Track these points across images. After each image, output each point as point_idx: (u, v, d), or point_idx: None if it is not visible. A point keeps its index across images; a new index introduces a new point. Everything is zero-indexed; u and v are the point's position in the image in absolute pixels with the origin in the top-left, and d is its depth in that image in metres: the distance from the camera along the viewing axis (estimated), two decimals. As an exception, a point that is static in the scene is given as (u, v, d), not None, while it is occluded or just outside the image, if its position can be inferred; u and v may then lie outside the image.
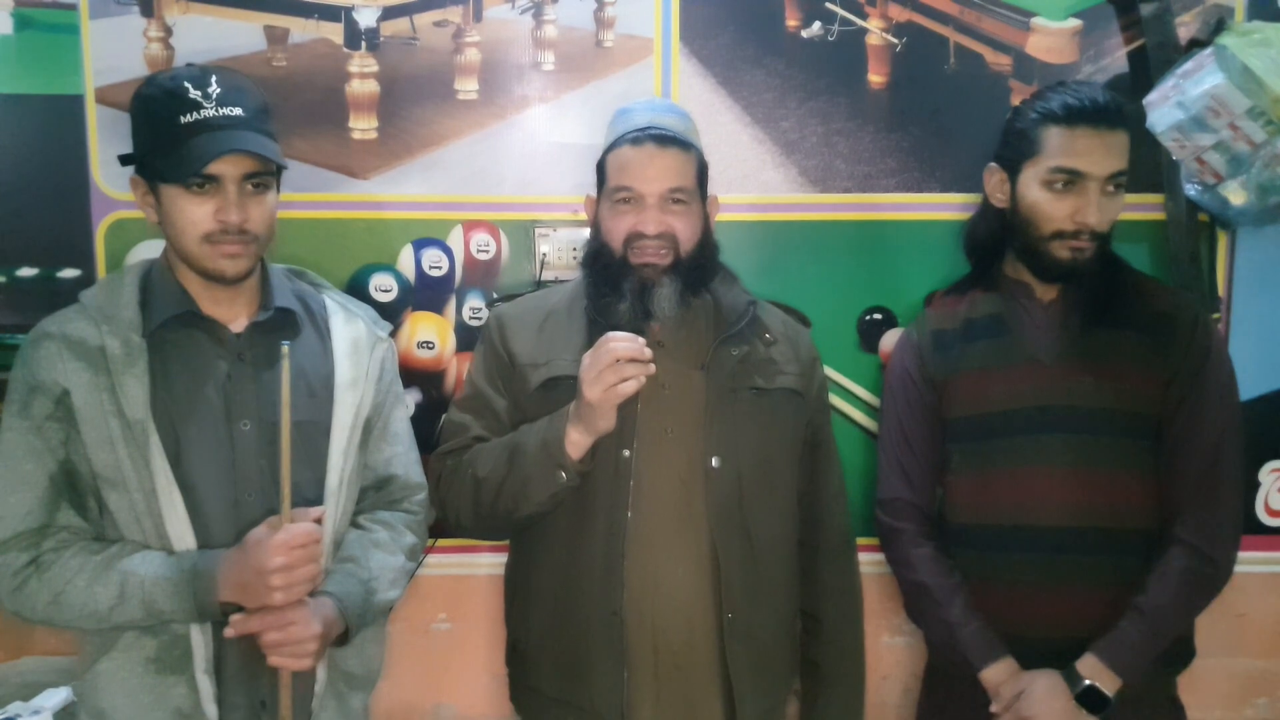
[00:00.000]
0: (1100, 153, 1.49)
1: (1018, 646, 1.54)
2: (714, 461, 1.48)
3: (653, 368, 1.37)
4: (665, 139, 1.49)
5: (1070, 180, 1.50)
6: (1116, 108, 1.51)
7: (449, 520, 1.58)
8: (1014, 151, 1.56)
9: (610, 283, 1.50)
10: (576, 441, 1.41)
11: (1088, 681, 1.47)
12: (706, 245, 1.54)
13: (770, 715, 1.56)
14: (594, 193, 1.60)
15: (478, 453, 1.52)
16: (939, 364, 1.63)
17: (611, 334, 1.38)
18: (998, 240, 1.62)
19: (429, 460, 1.61)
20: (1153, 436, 1.54)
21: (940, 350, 1.64)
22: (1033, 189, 1.53)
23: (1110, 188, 1.51)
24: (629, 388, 1.36)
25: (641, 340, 1.37)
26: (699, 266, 1.52)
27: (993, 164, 1.61)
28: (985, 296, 1.63)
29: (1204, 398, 1.52)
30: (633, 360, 1.35)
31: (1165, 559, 1.51)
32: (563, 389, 1.48)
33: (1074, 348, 1.55)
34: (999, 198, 1.60)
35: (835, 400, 1.92)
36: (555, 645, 1.51)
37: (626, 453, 1.47)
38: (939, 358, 1.63)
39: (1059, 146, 1.50)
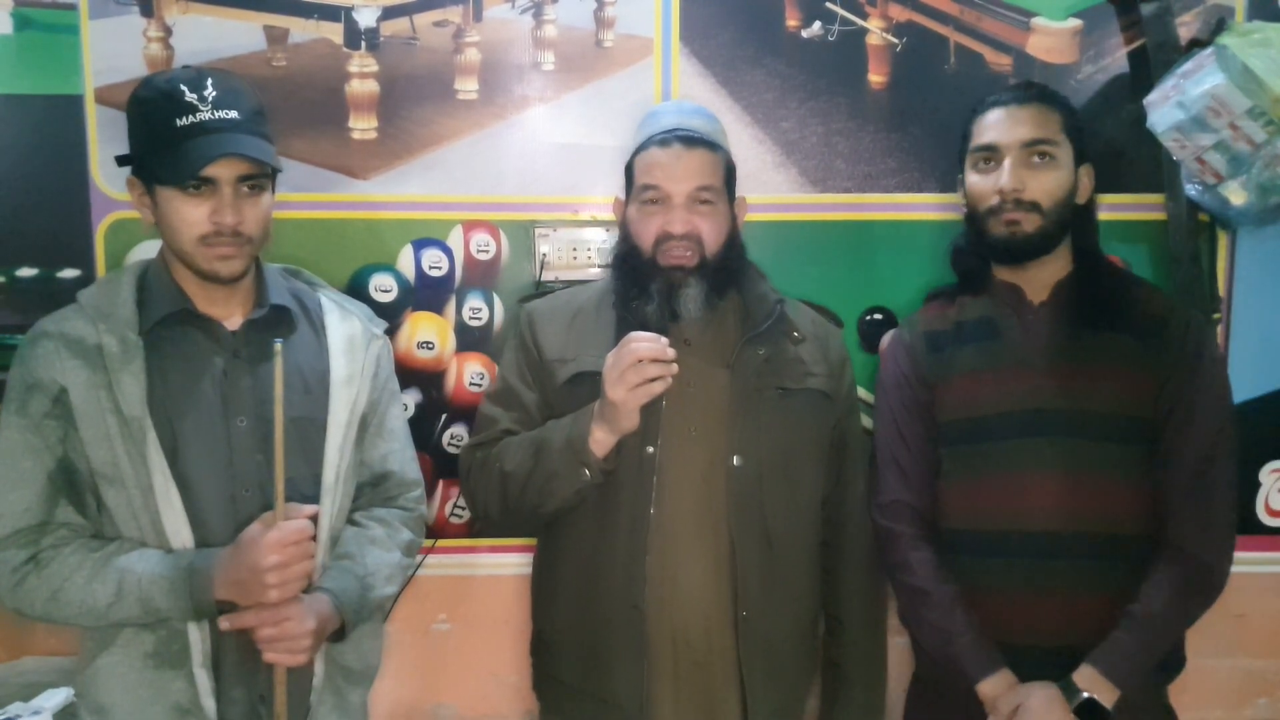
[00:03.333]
0: (1008, 124, 1.53)
1: (1008, 654, 1.52)
2: (735, 460, 1.48)
3: (675, 368, 1.38)
4: (692, 140, 1.50)
5: (989, 156, 1.54)
6: (1028, 88, 1.56)
7: (477, 513, 1.60)
8: (961, 153, 1.62)
9: (638, 284, 1.51)
10: (601, 440, 1.42)
11: (1086, 694, 1.44)
12: (733, 246, 1.55)
13: (785, 714, 1.57)
14: (617, 191, 1.61)
15: (506, 446, 1.53)
16: (933, 365, 1.62)
17: (634, 334, 1.39)
18: (978, 247, 1.62)
19: (427, 460, 1.61)
20: (1146, 440, 1.52)
21: (934, 352, 1.63)
22: (969, 177, 1.58)
23: (1034, 158, 1.51)
24: (656, 388, 1.37)
25: (665, 340, 1.38)
26: (725, 268, 1.52)
27: (960, 175, 1.64)
28: (975, 300, 1.63)
29: (1196, 401, 1.50)
30: (655, 361, 1.36)
31: (1159, 566, 1.48)
32: (589, 385, 1.48)
33: (1065, 351, 1.54)
34: (962, 200, 1.62)
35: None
36: (578, 637, 1.53)
37: (651, 450, 1.47)
38: (933, 359, 1.62)
39: (977, 131, 1.57)
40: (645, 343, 1.37)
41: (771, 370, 1.53)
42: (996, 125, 1.54)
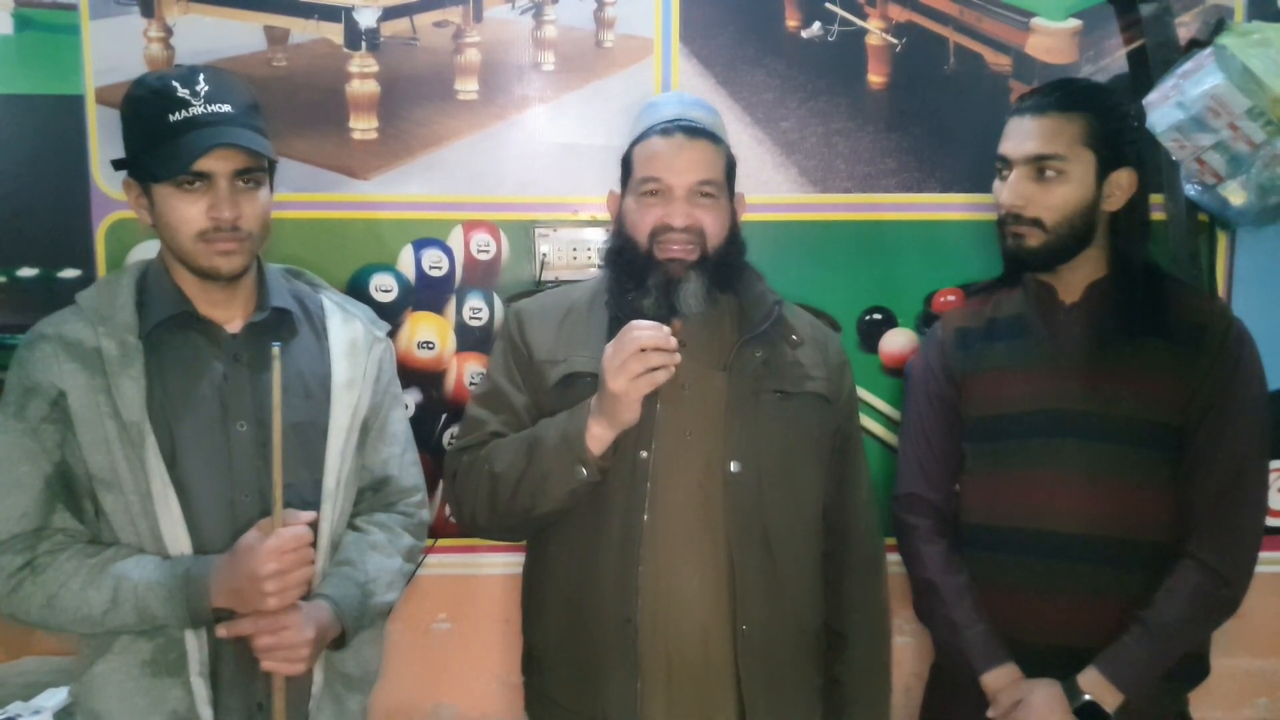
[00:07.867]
0: (1018, 137, 1.51)
1: (1019, 651, 1.53)
2: (733, 466, 1.43)
3: (678, 357, 1.33)
4: (695, 131, 1.46)
5: (1003, 166, 1.54)
6: (1052, 92, 1.52)
7: (464, 519, 1.52)
8: None
9: (635, 278, 1.46)
10: (598, 436, 1.37)
11: (1087, 696, 1.45)
12: (734, 242, 1.50)
13: None
14: (616, 189, 1.57)
15: (495, 448, 1.47)
16: (961, 361, 1.63)
17: (636, 322, 1.34)
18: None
19: (427, 459, 1.60)
20: (1173, 448, 1.50)
21: (963, 348, 1.63)
22: (995, 180, 1.58)
23: (1041, 173, 1.49)
24: (660, 376, 1.32)
25: (666, 329, 1.33)
26: (726, 263, 1.48)
27: None
28: (1011, 297, 1.63)
29: (1230, 410, 1.48)
30: (658, 349, 1.31)
31: (1176, 575, 1.47)
32: (581, 386, 1.44)
33: (1093, 353, 1.53)
34: None
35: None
36: (569, 653, 1.47)
37: (644, 454, 1.42)
38: (961, 355, 1.63)
39: (1002, 136, 1.56)
40: (647, 330, 1.32)
41: (769, 373, 1.48)
42: (1011, 135, 1.53)
